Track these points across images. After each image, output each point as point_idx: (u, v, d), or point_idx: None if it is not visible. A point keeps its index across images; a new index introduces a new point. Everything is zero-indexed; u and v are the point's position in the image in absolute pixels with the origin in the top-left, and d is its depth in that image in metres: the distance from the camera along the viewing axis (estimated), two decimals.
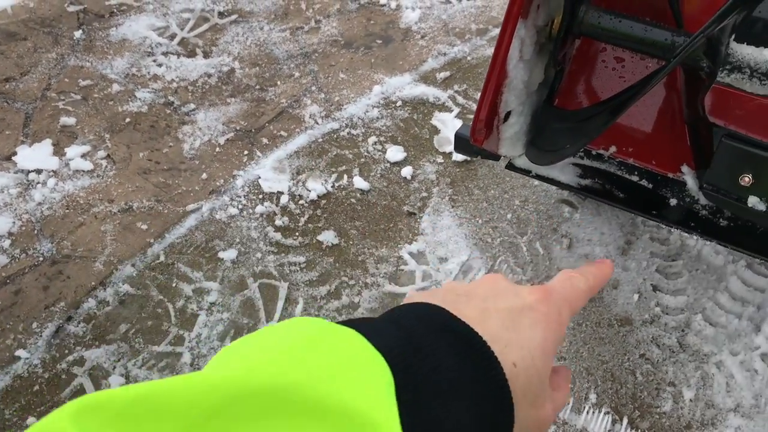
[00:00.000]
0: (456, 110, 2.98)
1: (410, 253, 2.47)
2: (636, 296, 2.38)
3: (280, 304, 2.32)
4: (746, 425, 2.11)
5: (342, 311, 2.30)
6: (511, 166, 1.71)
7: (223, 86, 3.06)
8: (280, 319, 2.29)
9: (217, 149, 2.80)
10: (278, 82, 3.09)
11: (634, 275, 2.44)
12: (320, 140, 2.85)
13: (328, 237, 2.48)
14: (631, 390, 2.18)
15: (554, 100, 1.71)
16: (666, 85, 1.76)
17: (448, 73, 3.15)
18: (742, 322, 2.33)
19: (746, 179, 1.48)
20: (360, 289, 2.36)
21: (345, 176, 2.70)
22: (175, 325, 2.28)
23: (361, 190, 2.66)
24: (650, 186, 1.68)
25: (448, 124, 2.92)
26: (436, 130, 2.90)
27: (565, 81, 1.75)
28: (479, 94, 1.40)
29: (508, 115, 1.49)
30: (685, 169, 1.66)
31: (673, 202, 1.65)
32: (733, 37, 1.31)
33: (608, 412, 2.11)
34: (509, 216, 2.60)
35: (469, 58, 3.27)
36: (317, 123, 2.92)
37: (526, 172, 1.71)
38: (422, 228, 2.55)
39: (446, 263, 2.45)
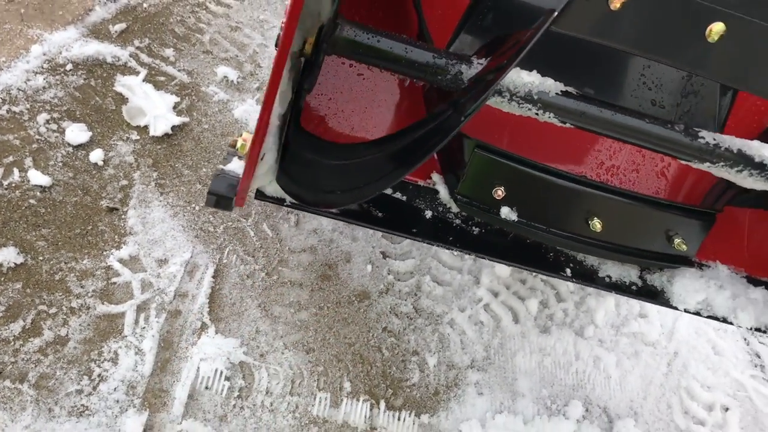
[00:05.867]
0: (143, 72, 2.53)
1: (120, 260, 2.07)
2: (369, 267, 2.34)
3: None
4: (483, 378, 2.24)
5: (47, 351, 1.84)
6: (260, 194, 1.46)
7: None
8: None
9: None
10: None
11: (363, 244, 2.38)
12: None
13: (7, 255, 1.94)
14: (380, 368, 2.15)
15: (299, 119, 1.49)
16: (408, 92, 1.68)
17: (123, 25, 2.65)
18: (463, 276, 2.44)
19: (499, 192, 1.47)
20: (65, 317, 1.91)
21: (15, 170, 2.13)
22: None
23: (41, 186, 2.12)
24: (404, 198, 1.59)
25: (137, 90, 2.47)
26: (123, 99, 2.44)
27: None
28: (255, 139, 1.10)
29: (263, 154, 1.25)
30: (435, 176, 1.60)
31: (428, 214, 1.58)
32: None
33: (366, 400, 2.06)
34: None
35: (145, 5, 2.80)
36: None
37: (279, 201, 1.47)
38: (130, 226, 2.14)
39: (167, 266, 2.10)
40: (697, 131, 1.37)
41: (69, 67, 2.45)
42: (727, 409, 2.47)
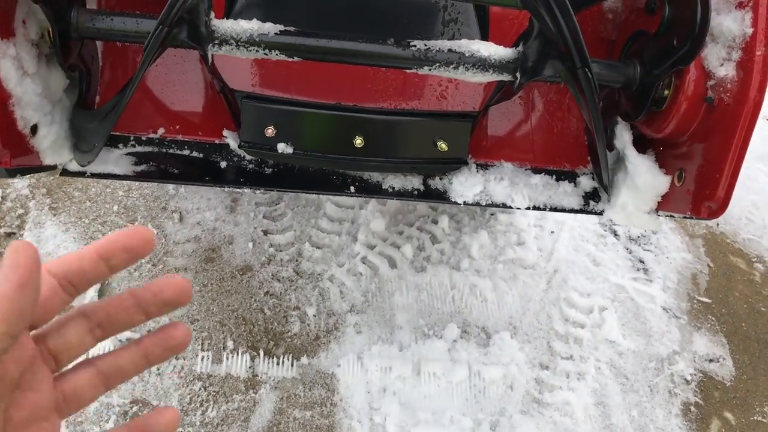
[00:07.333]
0: None
1: None
2: (251, 245, 2.60)
3: None
4: (361, 319, 2.47)
5: None
6: (65, 172, 1.73)
7: None
8: None
9: None
10: None
11: (245, 227, 2.65)
12: None
13: None
14: (262, 326, 2.40)
15: (88, 101, 1.77)
16: (199, 62, 1.94)
17: None
18: (342, 237, 2.69)
19: (270, 130, 1.73)
20: None
21: None
22: None
23: None
24: (201, 156, 1.85)
25: None
26: None
27: (103, 80, 1.81)
28: None
29: (35, 128, 1.50)
30: (226, 132, 1.86)
31: (223, 164, 1.84)
32: (212, 15, 1.50)
33: (245, 352, 2.31)
34: (116, 208, 2.62)
35: None
36: None
37: (80, 174, 1.72)
38: None
39: None
40: (409, 42, 1.62)
41: None
42: (604, 309, 2.65)
